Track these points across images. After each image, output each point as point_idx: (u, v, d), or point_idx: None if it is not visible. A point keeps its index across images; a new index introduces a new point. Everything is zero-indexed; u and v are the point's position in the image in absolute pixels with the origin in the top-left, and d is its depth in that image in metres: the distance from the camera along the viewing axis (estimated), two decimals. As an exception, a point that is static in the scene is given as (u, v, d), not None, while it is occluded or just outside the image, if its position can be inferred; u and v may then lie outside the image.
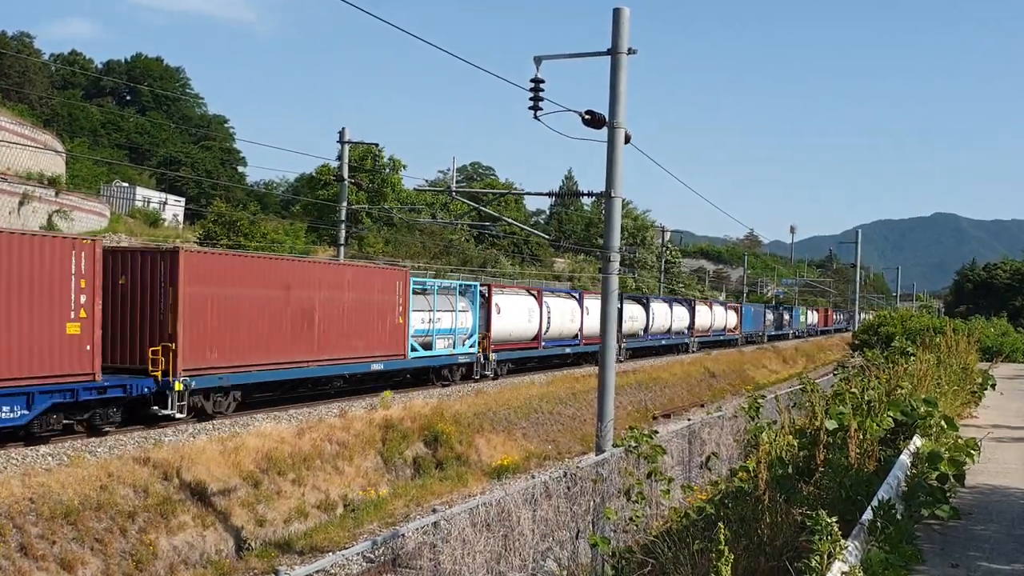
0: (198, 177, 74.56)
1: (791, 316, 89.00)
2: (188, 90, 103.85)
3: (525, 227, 24.76)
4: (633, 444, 11.23)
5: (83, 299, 18.00)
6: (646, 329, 51.27)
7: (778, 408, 12.25)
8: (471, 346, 33.52)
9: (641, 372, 43.16)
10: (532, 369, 39.13)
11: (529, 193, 29.71)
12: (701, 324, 60.45)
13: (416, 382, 31.48)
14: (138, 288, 20.27)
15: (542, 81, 15.41)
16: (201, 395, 21.33)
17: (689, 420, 15.68)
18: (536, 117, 15.31)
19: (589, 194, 17.06)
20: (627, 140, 15.54)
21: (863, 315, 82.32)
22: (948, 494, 8.63)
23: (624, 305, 45.45)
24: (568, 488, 10.36)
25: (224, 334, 21.55)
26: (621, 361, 43.76)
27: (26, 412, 17.09)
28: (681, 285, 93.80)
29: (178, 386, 20.14)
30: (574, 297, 43.06)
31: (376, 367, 27.60)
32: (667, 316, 54.34)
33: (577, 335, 42.26)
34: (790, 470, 9.18)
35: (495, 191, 51.87)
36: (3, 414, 16.71)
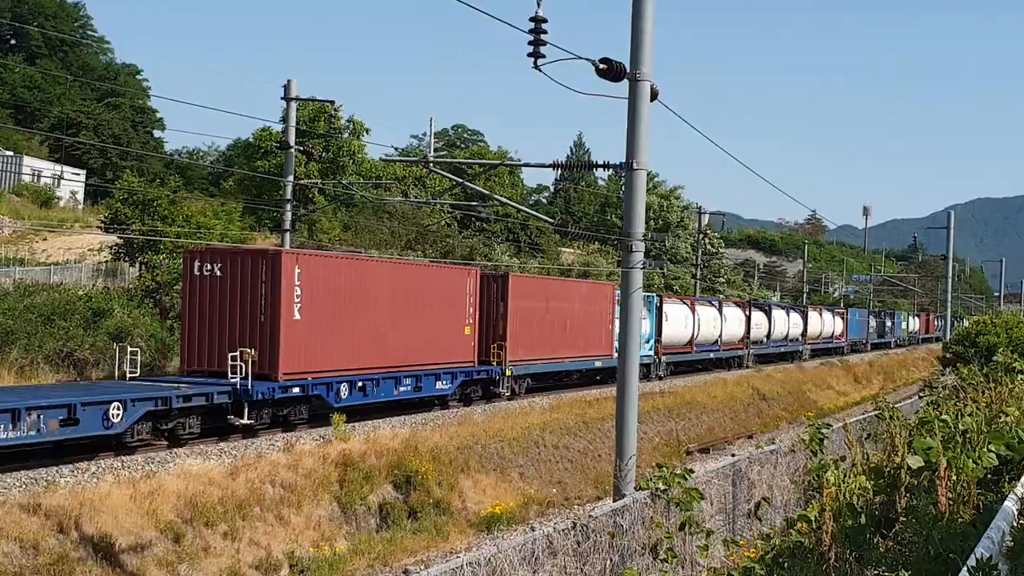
0: (103, 144, 74.53)
1: (893, 323, 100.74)
2: (90, 32, 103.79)
3: (523, 208, 24.78)
4: (661, 487, 11.23)
5: (470, 310, 33.35)
6: (768, 335, 64.13)
7: (847, 441, 12.26)
8: (650, 349, 45.72)
9: (672, 395, 43.24)
10: (684, 372, 52.01)
11: (528, 164, 29.71)
12: (813, 331, 73.40)
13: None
14: (484, 302, 34.62)
15: (544, 20, 15.40)
16: (512, 380, 35.59)
17: (733, 456, 15.69)
18: (536, 67, 15.28)
19: (605, 165, 17.05)
20: (654, 96, 15.53)
21: (957, 321, 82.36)
22: (1066, 551, 8.62)
23: (752, 312, 60.83)
24: (578, 543, 10.35)
25: (525, 336, 36.08)
26: (749, 366, 58.98)
27: (450, 385, 32.41)
28: (723, 282, 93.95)
29: (508, 372, 34.98)
30: (714, 305, 56.51)
31: (598, 364, 41.71)
32: (785, 323, 67.35)
33: (717, 340, 55.59)
34: (863, 520, 9.18)
35: (484, 162, 51.75)
36: (440, 384, 31.87)
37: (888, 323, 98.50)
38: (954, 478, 9.17)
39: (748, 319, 59.14)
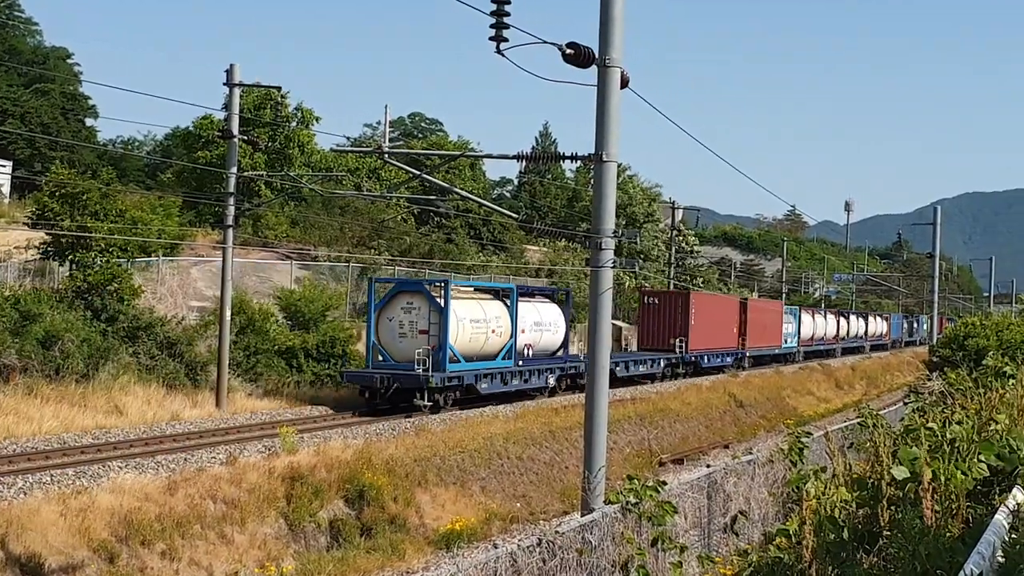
0: (30, 133, 73.84)
1: (918, 324, 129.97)
2: (16, 13, 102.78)
3: (485, 203, 24.76)
4: (632, 500, 11.25)
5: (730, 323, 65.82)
6: (847, 334, 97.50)
7: (828, 450, 12.34)
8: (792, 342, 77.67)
9: (644, 402, 43.36)
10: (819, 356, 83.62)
11: (491, 156, 29.69)
12: (871, 331, 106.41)
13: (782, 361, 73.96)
14: (663, 309, 57.49)
15: (507, 2, 15.38)
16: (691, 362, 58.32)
17: (709, 467, 15.75)
18: (499, 51, 15.28)
19: (573, 157, 17.02)
20: (624, 84, 15.56)
21: (945, 323, 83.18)
22: (1060, 566, 8.70)
23: (839, 317, 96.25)
24: (543, 561, 10.35)
25: (705, 332, 58.33)
26: (838, 356, 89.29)
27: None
28: (699, 281, 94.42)
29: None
30: (825, 313, 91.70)
31: (777, 352, 72.13)
32: (856, 325, 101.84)
33: (833, 338, 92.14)
34: (845, 534, 9.24)
35: (443, 153, 51.76)
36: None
37: (915, 325, 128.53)
38: (941, 490, 9.25)
39: (838, 323, 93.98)
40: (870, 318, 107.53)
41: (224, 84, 34.47)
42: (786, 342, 74.96)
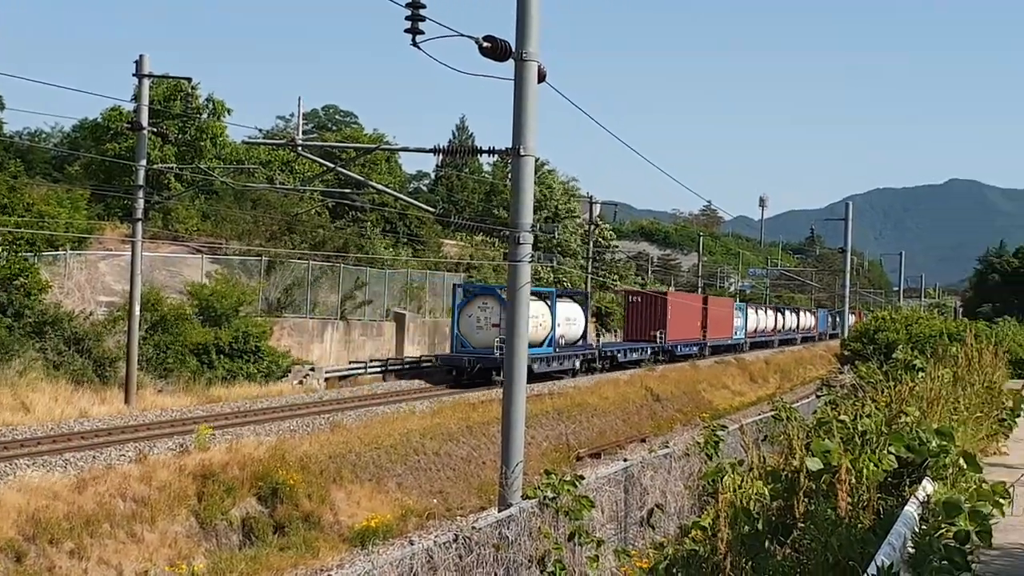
0: (-69, 123, 72.15)
1: (842, 319, 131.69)
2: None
3: (401, 196, 24.64)
4: (550, 495, 11.31)
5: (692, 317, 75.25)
6: (783, 327, 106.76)
7: (743, 443, 12.48)
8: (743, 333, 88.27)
9: (562, 397, 43.54)
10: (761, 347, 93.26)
11: (407, 149, 29.59)
12: (802, 324, 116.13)
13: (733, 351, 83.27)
14: (645, 308, 68.55)
15: (424, -6, 15.34)
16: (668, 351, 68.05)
17: (626, 461, 15.86)
18: (415, 44, 15.24)
19: (491, 151, 17.02)
20: (541, 78, 15.60)
21: (851, 316, 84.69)
22: (969, 558, 8.87)
23: (777, 313, 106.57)
24: (460, 557, 10.36)
25: (679, 326, 69.00)
26: (775, 347, 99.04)
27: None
28: (616, 276, 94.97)
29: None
30: (764, 308, 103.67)
31: (729, 342, 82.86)
32: (791, 319, 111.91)
33: (771, 330, 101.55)
34: (760, 526, 9.36)
35: (358, 146, 51.54)
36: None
37: (839, 319, 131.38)
38: (854, 482, 9.40)
39: (775, 317, 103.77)
40: (801, 313, 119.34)
41: (133, 75, 34.00)
42: (736, 334, 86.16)
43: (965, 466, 10.88)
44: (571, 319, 56.17)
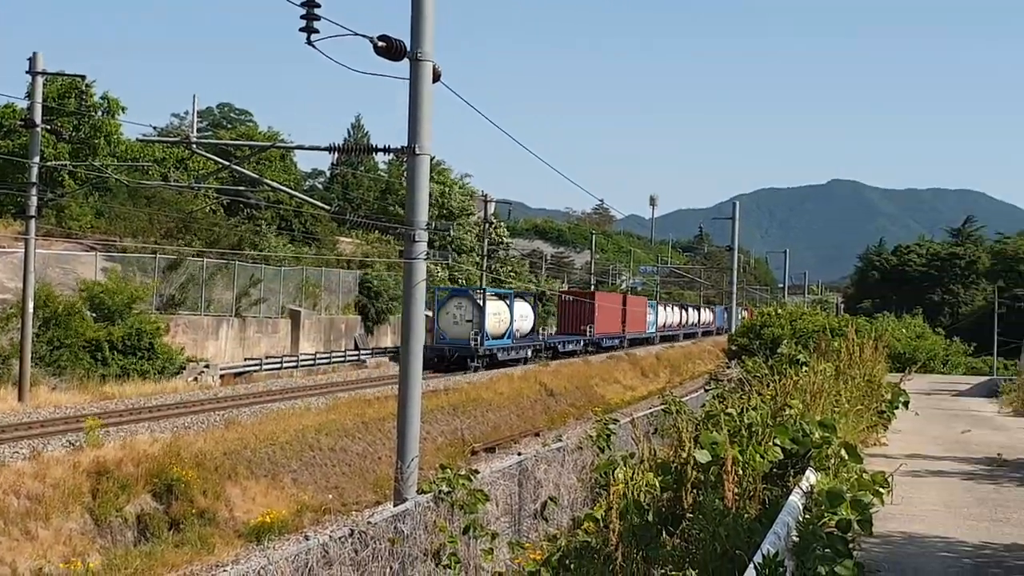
0: None
1: (737, 314, 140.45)
2: None
3: (297, 194, 24.43)
4: (445, 489, 11.29)
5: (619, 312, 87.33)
6: (687, 322, 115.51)
7: (635, 436, 12.59)
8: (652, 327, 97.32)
9: (457, 392, 43.53)
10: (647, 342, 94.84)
11: (302, 147, 29.25)
12: (703, 320, 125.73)
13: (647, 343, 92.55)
14: (575, 305, 77.83)
15: (319, -7, 15.20)
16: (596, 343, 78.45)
17: (520, 455, 15.90)
18: (310, 42, 15.09)
19: (386, 150, 16.91)
20: (436, 78, 15.56)
21: (743, 312, 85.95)
22: (851, 545, 9.05)
23: (683, 309, 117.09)
24: (356, 552, 10.30)
25: (604, 321, 78.88)
26: (680, 341, 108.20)
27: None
28: (511, 274, 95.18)
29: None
30: (673, 305, 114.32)
31: (643, 336, 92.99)
32: (694, 315, 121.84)
33: (677, 324, 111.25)
34: (650, 517, 9.44)
35: (253, 143, 50.97)
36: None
37: (734, 315, 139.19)
38: (741, 472, 9.53)
39: (680, 314, 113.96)
40: (702, 309, 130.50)
41: (27, 72, 33.25)
42: (649, 328, 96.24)
43: (847, 457, 11.11)
44: (524, 316, 66.42)
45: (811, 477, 10.45)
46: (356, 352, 60.92)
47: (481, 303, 57.91)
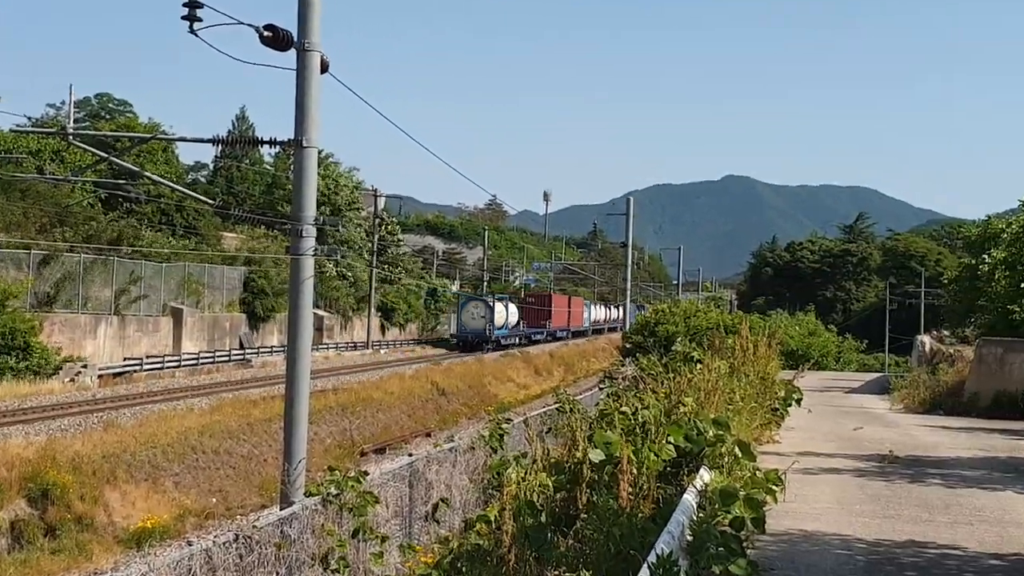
0: None
1: (625, 312, 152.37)
2: None
3: (178, 187, 23.99)
4: (333, 492, 11.20)
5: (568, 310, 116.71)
6: (608, 319, 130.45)
7: (528, 436, 12.64)
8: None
9: (346, 392, 43.30)
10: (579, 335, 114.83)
11: (184, 139, 28.86)
12: (619, 317, 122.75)
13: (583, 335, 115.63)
14: (537, 305, 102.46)
15: (202, -21, 14.99)
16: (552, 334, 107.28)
17: (411, 456, 15.85)
18: (192, 31, 14.87)
19: (272, 142, 16.72)
20: (324, 68, 15.44)
21: (638, 310, 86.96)
22: (745, 544, 9.19)
23: (605, 306, 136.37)
24: (240, 557, 10.18)
25: (558, 317, 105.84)
26: (600, 335, 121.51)
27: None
28: (401, 271, 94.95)
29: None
30: (599, 303, 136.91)
31: (581, 329, 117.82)
32: (612, 312, 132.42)
33: (600, 321, 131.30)
34: (544, 518, 9.48)
35: (133, 135, 49.88)
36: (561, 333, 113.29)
37: (628, 312, 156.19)
38: (635, 472, 9.61)
39: (606, 311, 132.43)
40: (620, 307, 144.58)
41: None
42: (585, 323, 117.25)
43: (740, 455, 11.29)
44: (513, 312, 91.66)
45: (705, 475, 10.59)
46: (241, 351, 60.25)
47: (491, 304, 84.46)
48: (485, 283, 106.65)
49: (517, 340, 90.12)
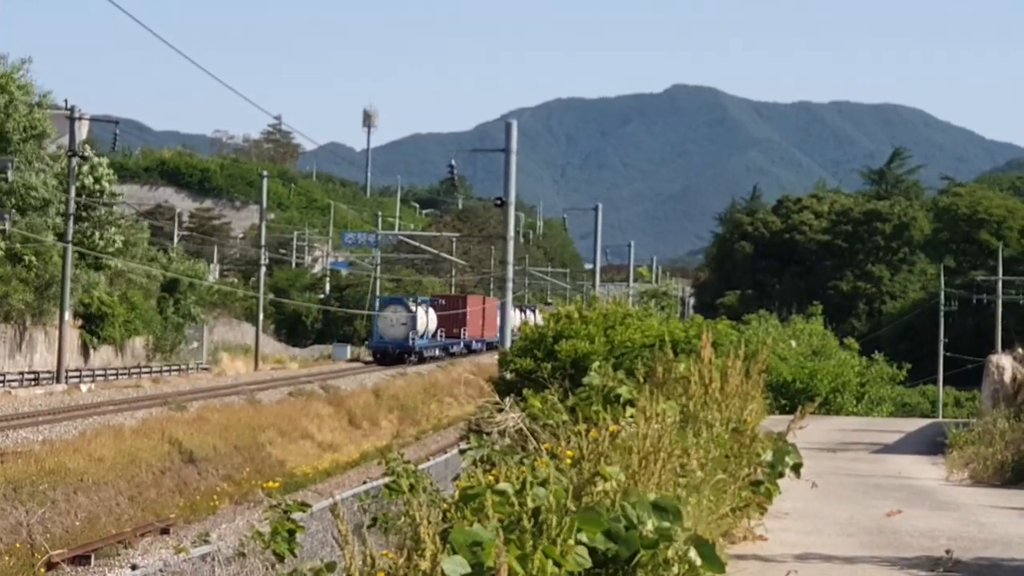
0: None
1: (503, 320, 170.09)
2: None
3: None
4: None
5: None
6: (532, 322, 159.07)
7: (339, 533, 12.62)
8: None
9: (22, 459, 42.80)
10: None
11: None
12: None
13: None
14: (449, 309, 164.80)
15: None
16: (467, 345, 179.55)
17: (135, 567, 15.81)
18: None
19: None
20: None
21: (530, 313, 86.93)
22: None
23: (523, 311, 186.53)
24: None
25: (475, 325, 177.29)
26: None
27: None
28: (114, 245, 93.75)
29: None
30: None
31: (492, 341, 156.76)
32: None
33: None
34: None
35: None
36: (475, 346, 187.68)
37: (508, 319, 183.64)
38: (520, 596, 9.64)
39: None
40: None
41: None
42: (498, 332, 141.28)
43: (699, 563, 11.36)
44: (432, 319, 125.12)
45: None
46: None
47: (413, 308, 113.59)
48: (263, 269, 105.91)
49: (436, 352, 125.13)
